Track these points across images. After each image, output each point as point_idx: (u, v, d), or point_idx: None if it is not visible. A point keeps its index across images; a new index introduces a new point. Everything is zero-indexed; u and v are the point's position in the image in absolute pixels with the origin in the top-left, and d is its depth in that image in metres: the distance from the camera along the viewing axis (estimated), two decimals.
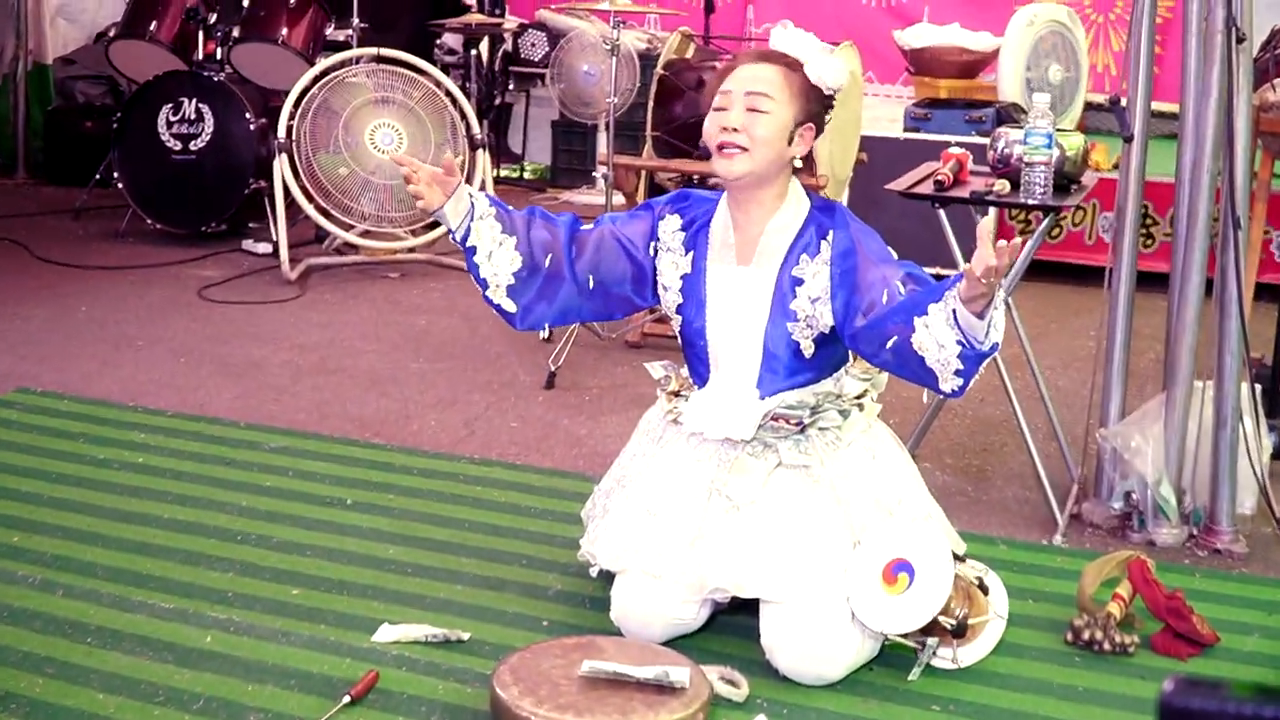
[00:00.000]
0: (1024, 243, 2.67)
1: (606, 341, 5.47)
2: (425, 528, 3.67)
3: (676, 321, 3.14)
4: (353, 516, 3.74)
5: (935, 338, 2.72)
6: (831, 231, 3.00)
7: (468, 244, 3.00)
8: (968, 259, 2.69)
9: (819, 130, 3.06)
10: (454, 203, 2.97)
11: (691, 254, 3.09)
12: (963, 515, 3.82)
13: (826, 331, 3.00)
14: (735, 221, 3.07)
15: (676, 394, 3.19)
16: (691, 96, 5.22)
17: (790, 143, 2.99)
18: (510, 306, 3.06)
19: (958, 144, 4.62)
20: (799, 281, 3.00)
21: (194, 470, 4.01)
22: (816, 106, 3.03)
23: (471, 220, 2.99)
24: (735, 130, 2.96)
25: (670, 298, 3.12)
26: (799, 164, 3.04)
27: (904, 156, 5.54)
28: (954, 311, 2.68)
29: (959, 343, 2.70)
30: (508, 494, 3.93)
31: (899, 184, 4.01)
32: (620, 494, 3.14)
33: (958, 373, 2.75)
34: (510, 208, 3.07)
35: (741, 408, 3.03)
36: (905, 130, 6.87)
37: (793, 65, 3.01)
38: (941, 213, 3.92)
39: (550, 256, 3.05)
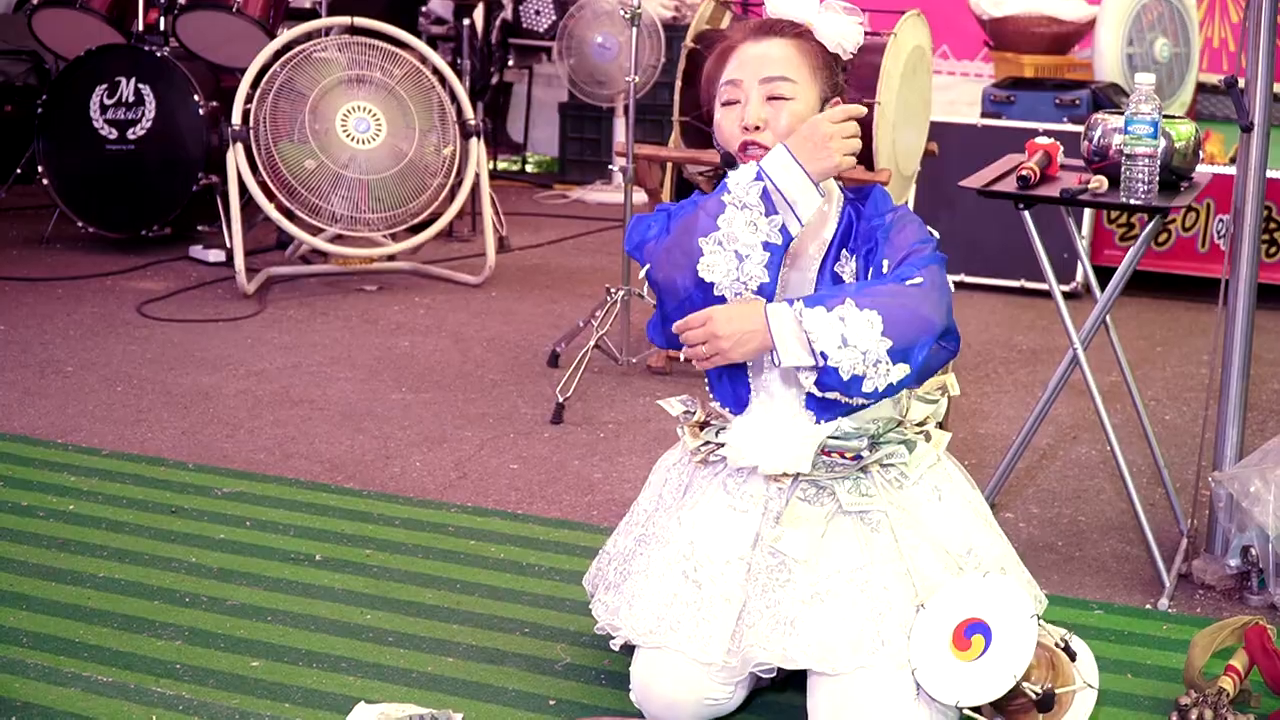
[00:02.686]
0: None
1: (625, 367, 5.51)
2: (409, 589, 3.70)
3: None
4: (322, 575, 3.77)
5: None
6: (868, 219, 3.08)
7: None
8: (1056, 269, 2.70)
9: (844, 99, 3.10)
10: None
11: None
12: (1052, 575, 3.85)
13: None
14: None
15: (704, 424, 3.21)
16: None
17: None
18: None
19: (1045, 132, 4.64)
20: (840, 280, 3.07)
21: (134, 520, 4.05)
22: (839, 75, 3.09)
23: None
24: (757, 128, 3.02)
25: None
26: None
27: (982, 147, 5.57)
28: None
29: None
30: (506, 549, 3.95)
31: (975, 180, 4.02)
32: (644, 557, 3.12)
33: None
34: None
35: (794, 435, 3.04)
36: (983, 116, 6.93)
37: (803, 34, 3.07)
38: (1026, 214, 3.91)
39: None
